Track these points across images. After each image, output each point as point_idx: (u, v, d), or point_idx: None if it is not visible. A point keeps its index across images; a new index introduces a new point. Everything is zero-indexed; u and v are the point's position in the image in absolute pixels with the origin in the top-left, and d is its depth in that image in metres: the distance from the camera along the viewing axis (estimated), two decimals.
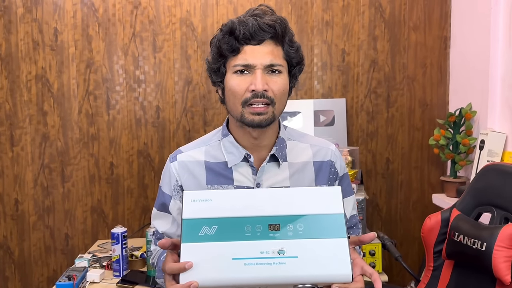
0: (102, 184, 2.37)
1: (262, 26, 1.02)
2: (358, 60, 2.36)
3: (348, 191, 1.20)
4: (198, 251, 0.85)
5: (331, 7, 2.34)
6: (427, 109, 2.39)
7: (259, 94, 1.02)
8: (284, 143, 1.14)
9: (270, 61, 1.03)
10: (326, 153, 1.17)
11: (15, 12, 2.28)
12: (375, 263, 1.88)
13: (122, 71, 2.33)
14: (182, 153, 1.16)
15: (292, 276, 0.84)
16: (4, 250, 2.38)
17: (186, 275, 0.84)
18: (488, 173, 1.44)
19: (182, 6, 2.31)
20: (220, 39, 1.05)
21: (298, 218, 0.88)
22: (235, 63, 1.04)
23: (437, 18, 2.35)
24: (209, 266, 0.85)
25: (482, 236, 1.29)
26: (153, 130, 2.36)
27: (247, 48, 1.03)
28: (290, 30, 1.07)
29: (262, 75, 1.02)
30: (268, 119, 1.04)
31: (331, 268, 0.85)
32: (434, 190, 2.39)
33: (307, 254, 0.85)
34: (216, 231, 0.87)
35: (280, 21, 1.04)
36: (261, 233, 0.87)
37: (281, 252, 0.85)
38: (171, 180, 1.15)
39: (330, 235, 0.87)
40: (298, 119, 2.34)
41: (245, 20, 1.03)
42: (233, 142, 1.12)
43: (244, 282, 0.85)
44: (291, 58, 1.07)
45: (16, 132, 2.33)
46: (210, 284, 0.84)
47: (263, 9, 1.07)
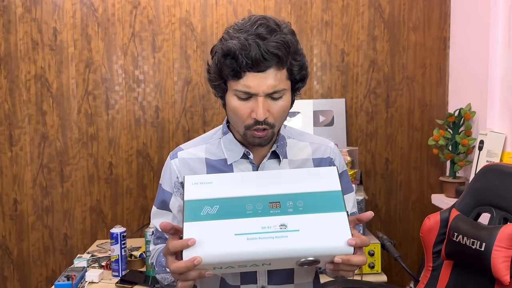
0: (101, 184, 2.37)
1: (265, 56, 0.96)
2: (357, 61, 2.37)
3: (348, 188, 1.21)
4: (200, 229, 0.86)
5: (331, 7, 2.34)
6: (427, 110, 2.39)
7: (261, 122, 1.01)
8: (285, 141, 1.15)
9: (272, 89, 1.00)
10: (325, 150, 1.18)
11: (14, 11, 2.28)
12: (374, 263, 1.88)
13: (122, 71, 2.33)
14: (182, 150, 1.17)
15: (294, 249, 0.84)
16: (3, 250, 2.37)
17: (189, 251, 0.83)
18: (487, 174, 1.44)
19: (181, 6, 2.31)
20: (220, 60, 1.01)
21: (298, 195, 0.90)
22: (236, 88, 1.01)
23: (437, 19, 2.35)
24: (212, 242, 0.84)
25: (481, 236, 1.29)
26: (152, 130, 2.36)
27: (249, 75, 0.99)
28: (293, 47, 1.01)
29: (264, 103, 1.00)
30: (267, 140, 1.06)
31: (332, 240, 0.85)
32: (433, 191, 2.40)
33: (309, 227, 0.86)
34: (218, 210, 0.88)
35: (284, 44, 0.98)
36: (262, 210, 0.88)
37: (283, 226, 0.86)
38: (172, 177, 1.15)
39: (329, 209, 0.88)
40: (298, 119, 2.34)
41: (247, 46, 0.96)
42: (232, 139, 1.12)
43: (248, 256, 0.84)
44: (295, 77, 1.04)
45: (15, 132, 2.33)
46: (214, 260, 0.84)
47: (268, 26, 0.99)
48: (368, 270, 1.88)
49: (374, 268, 1.87)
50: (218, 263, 0.85)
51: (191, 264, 0.82)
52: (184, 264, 0.83)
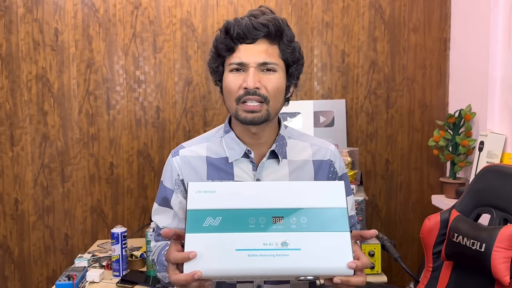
0: (102, 184, 2.37)
1: (255, 25, 1.04)
2: (358, 61, 2.37)
3: (347, 191, 1.20)
4: (202, 242, 0.86)
5: (331, 8, 2.34)
6: (427, 110, 2.39)
7: (251, 92, 1.04)
8: (284, 141, 1.16)
9: (263, 59, 1.05)
10: (325, 153, 1.18)
11: (15, 12, 2.29)
12: (374, 264, 1.88)
13: (123, 71, 2.33)
14: (184, 148, 1.18)
15: (294, 268, 0.85)
16: (4, 249, 2.38)
17: (190, 264, 0.85)
18: (487, 175, 1.44)
19: (182, 6, 2.32)
20: (217, 38, 1.09)
21: (302, 211, 0.89)
22: (230, 62, 1.07)
23: (437, 20, 2.35)
24: (213, 256, 0.85)
25: (481, 237, 1.29)
26: (153, 131, 2.36)
27: (241, 47, 1.06)
28: (288, 31, 1.08)
29: (255, 73, 1.04)
30: (261, 117, 1.06)
31: (332, 261, 0.85)
32: (433, 191, 2.40)
33: (310, 246, 0.86)
34: (220, 222, 0.88)
35: (275, 20, 1.05)
36: (264, 225, 0.88)
37: (284, 244, 0.86)
38: (173, 174, 1.16)
39: (332, 228, 0.88)
40: (298, 120, 2.35)
41: (240, 20, 1.06)
42: (234, 138, 1.13)
43: (247, 273, 0.85)
44: (287, 57, 1.08)
45: (16, 132, 2.33)
46: (214, 274, 0.85)
47: (262, 10, 1.09)
48: (368, 270, 1.88)
49: (374, 268, 1.88)
50: (218, 277, 0.86)
51: (191, 278, 0.84)
52: (184, 277, 0.84)
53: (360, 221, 1.89)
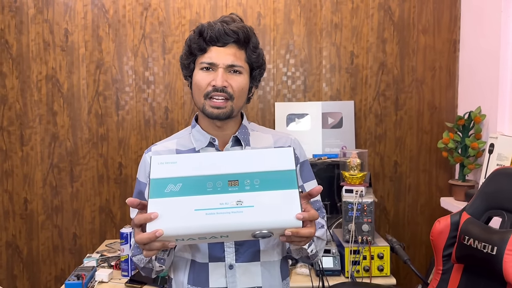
0: (110, 184, 2.38)
1: (227, 31, 1.16)
2: (366, 63, 2.36)
3: (309, 176, 1.31)
4: (164, 205, 0.93)
5: (340, 10, 2.34)
6: (436, 112, 2.38)
7: (219, 89, 1.15)
8: (247, 130, 1.27)
9: (231, 61, 1.17)
10: (286, 141, 1.29)
11: (26, 12, 2.30)
12: (383, 266, 1.87)
13: (132, 72, 2.34)
14: (156, 145, 1.29)
15: (248, 223, 0.92)
16: (13, 249, 2.39)
17: (152, 224, 0.91)
18: (498, 177, 1.44)
19: (191, 8, 2.32)
20: (191, 38, 1.20)
21: (255, 174, 0.97)
22: (202, 61, 1.18)
23: (447, 21, 2.34)
24: (174, 216, 0.92)
25: (492, 240, 1.29)
26: (161, 131, 2.37)
27: (213, 48, 1.18)
28: (254, 38, 1.22)
29: (223, 73, 1.16)
30: (226, 113, 1.18)
31: (283, 215, 0.93)
32: (442, 194, 2.39)
33: (262, 203, 0.93)
34: (181, 188, 0.96)
35: (244, 29, 1.19)
36: (221, 188, 0.95)
37: (239, 202, 0.93)
38: (146, 168, 1.23)
39: (283, 187, 0.96)
40: (306, 121, 2.35)
41: (213, 25, 1.18)
42: (200, 130, 1.24)
43: (205, 229, 0.92)
44: (252, 61, 1.21)
45: (26, 131, 2.35)
46: (174, 232, 0.92)
47: (233, 17, 1.22)
48: (377, 273, 1.87)
49: (383, 271, 1.87)
50: (179, 235, 0.92)
51: (153, 235, 0.90)
52: (147, 235, 0.91)
53: (369, 223, 1.88)
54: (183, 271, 1.21)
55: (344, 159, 2.04)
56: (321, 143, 2.34)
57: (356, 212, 1.89)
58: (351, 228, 1.89)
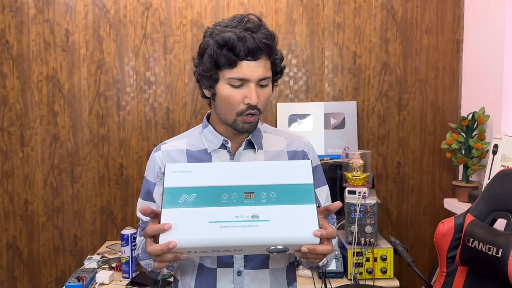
0: (111, 185, 2.37)
1: (260, 46, 1.08)
2: (369, 63, 2.35)
3: (321, 181, 1.27)
4: (177, 215, 0.91)
5: (343, 9, 2.32)
6: (439, 113, 2.36)
7: (253, 107, 1.11)
8: (260, 133, 1.23)
9: (263, 75, 1.11)
10: (299, 144, 1.25)
11: (27, 13, 2.29)
12: (386, 268, 1.86)
13: (133, 73, 2.33)
14: (165, 144, 1.24)
15: (264, 238, 0.89)
16: (13, 250, 2.38)
17: (165, 235, 0.89)
18: (503, 178, 1.42)
19: (193, 8, 2.31)
20: (216, 51, 1.09)
21: (271, 187, 0.95)
22: (231, 76, 1.10)
23: (450, 21, 2.33)
24: (187, 228, 0.90)
25: (497, 242, 1.27)
26: (163, 132, 2.36)
27: (243, 63, 1.09)
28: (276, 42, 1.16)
29: (256, 89, 1.11)
30: (255, 126, 1.16)
31: (299, 231, 0.90)
32: (445, 195, 2.37)
33: (279, 218, 0.91)
34: (195, 198, 0.93)
35: (272, 38, 1.12)
36: (236, 200, 0.93)
37: (254, 216, 0.91)
38: (155, 168, 1.21)
39: (300, 202, 0.93)
40: (308, 122, 2.33)
41: (243, 37, 1.07)
42: (212, 131, 1.20)
43: (220, 243, 0.90)
44: (276, 68, 1.17)
45: (26, 132, 2.34)
46: (187, 245, 0.89)
47: (254, 21, 1.11)
48: (380, 275, 1.86)
49: (387, 273, 1.85)
50: (192, 247, 0.90)
51: (166, 247, 0.88)
52: (160, 247, 0.88)
53: (372, 224, 1.87)
54: (190, 275, 1.19)
55: (346, 160, 2.02)
56: (323, 144, 2.32)
57: (359, 213, 1.87)
58: (354, 230, 1.87)
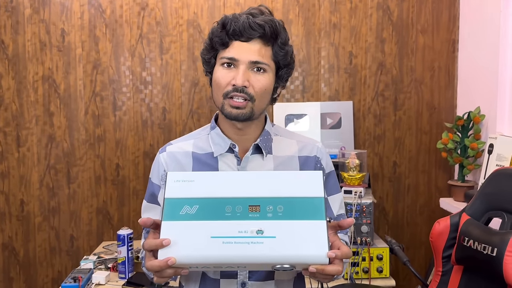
0: (107, 186, 2.36)
1: (252, 25, 1.05)
2: (365, 63, 2.35)
3: (335, 189, 1.21)
4: (177, 229, 0.87)
5: (339, 10, 2.33)
6: (435, 113, 2.37)
7: (239, 89, 1.05)
8: (270, 137, 1.17)
9: (255, 58, 1.06)
10: (312, 149, 1.18)
11: (22, 12, 2.29)
12: (382, 267, 1.86)
13: (129, 73, 2.33)
14: (171, 145, 1.21)
15: (269, 256, 0.84)
16: (9, 250, 2.38)
17: (164, 251, 0.85)
18: (498, 178, 1.42)
19: (189, 8, 2.31)
20: (213, 31, 1.10)
21: (278, 199, 0.89)
22: (222, 56, 1.08)
23: (445, 21, 2.33)
24: (188, 243, 0.85)
25: (492, 241, 1.28)
26: (159, 132, 2.36)
27: (235, 43, 1.07)
28: (283, 34, 1.10)
29: (245, 71, 1.06)
30: (245, 114, 1.07)
31: (307, 249, 0.84)
32: (441, 194, 2.38)
33: (285, 234, 0.85)
34: (197, 210, 0.88)
35: (272, 22, 1.07)
36: (241, 213, 0.87)
37: (259, 232, 0.86)
38: (160, 170, 1.18)
39: (309, 217, 0.87)
40: (305, 122, 2.33)
41: (238, 17, 1.07)
42: (219, 133, 1.15)
43: (222, 260, 0.85)
44: (279, 59, 1.10)
45: (22, 132, 2.33)
46: (188, 261, 0.85)
47: (261, 9, 1.11)
48: (376, 274, 1.86)
49: (383, 272, 1.86)
50: (192, 264, 0.86)
51: (165, 264, 0.84)
52: (158, 263, 0.85)
53: (368, 224, 1.87)
54: (193, 283, 1.16)
55: (343, 159, 2.02)
56: None
57: (355, 213, 1.88)
58: (350, 229, 1.87)
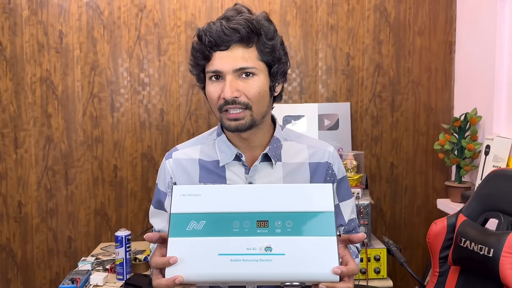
0: (105, 187, 2.36)
1: (225, 32, 0.99)
2: (362, 64, 2.36)
3: (347, 194, 1.19)
4: (185, 246, 0.86)
5: (336, 11, 2.34)
6: (432, 114, 2.38)
7: (230, 101, 1.01)
8: (279, 143, 1.12)
9: (239, 65, 1.00)
10: (323, 155, 1.15)
11: (20, 14, 2.29)
12: (380, 268, 1.87)
13: (127, 74, 2.33)
14: (177, 151, 1.18)
15: (278, 274, 0.84)
16: (7, 252, 2.37)
17: (171, 269, 0.84)
18: (494, 179, 1.43)
19: (187, 9, 2.31)
20: (194, 46, 1.06)
21: (287, 214, 0.87)
22: (208, 70, 1.04)
23: (442, 23, 2.34)
24: (195, 261, 0.85)
25: (489, 242, 1.28)
26: (157, 133, 2.36)
27: (216, 54, 1.01)
28: (265, 28, 1.02)
29: (232, 81, 1.00)
30: (245, 124, 1.03)
31: (317, 267, 0.84)
32: (438, 195, 2.38)
33: (295, 251, 0.84)
34: (204, 226, 0.87)
35: (248, 22, 0.99)
36: (249, 229, 0.86)
37: (268, 249, 0.85)
38: (166, 177, 1.17)
39: (318, 233, 0.86)
40: (302, 123, 2.34)
41: (211, 26, 1.01)
42: (225, 141, 1.11)
43: (230, 278, 0.85)
44: (266, 58, 1.03)
45: (20, 134, 2.33)
46: (195, 279, 0.85)
47: (237, 9, 1.04)
48: (374, 275, 1.87)
49: (380, 273, 1.87)
50: (200, 282, 0.86)
51: (172, 283, 0.83)
52: (166, 282, 0.84)
53: (366, 225, 1.88)
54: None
55: None
56: None
57: None
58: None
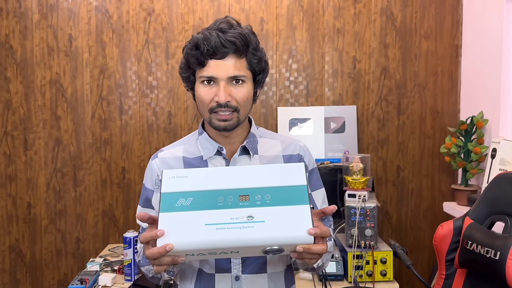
0: (113, 189, 2.39)
1: (224, 43, 1.11)
2: (369, 68, 2.37)
3: (317, 184, 1.29)
4: (174, 219, 0.94)
5: (343, 15, 2.35)
6: (438, 117, 2.38)
7: (223, 104, 1.12)
8: (255, 138, 1.24)
9: (232, 73, 1.13)
10: (295, 148, 1.26)
11: (30, 18, 2.32)
12: (386, 271, 1.87)
13: (135, 77, 2.36)
14: (163, 151, 1.27)
15: (259, 238, 0.92)
16: (16, 253, 2.40)
17: (161, 240, 0.91)
18: (501, 182, 1.44)
19: (195, 13, 2.34)
20: (188, 52, 1.16)
21: (266, 189, 0.97)
22: (201, 75, 1.14)
23: (449, 27, 2.35)
24: (184, 231, 0.92)
25: (495, 245, 1.29)
26: (164, 136, 2.38)
27: (211, 62, 1.13)
28: (253, 41, 1.15)
29: (225, 87, 1.12)
30: (233, 124, 1.15)
31: (294, 231, 0.92)
32: (444, 198, 2.39)
33: (273, 218, 0.93)
34: (192, 202, 0.96)
35: (242, 35, 1.12)
36: (232, 202, 0.95)
37: (250, 217, 0.93)
38: (153, 175, 1.24)
39: (294, 202, 0.95)
40: (309, 126, 2.35)
41: (209, 36, 1.11)
42: (207, 138, 1.22)
43: (215, 244, 0.92)
44: (254, 67, 1.17)
45: (29, 136, 2.36)
46: (184, 247, 0.92)
47: (229, 22, 1.15)
48: (380, 277, 1.87)
49: (386, 275, 1.87)
50: (189, 250, 0.92)
51: (163, 250, 0.90)
52: (157, 250, 0.91)
53: (372, 227, 1.89)
54: (189, 280, 1.21)
55: (346, 163, 2.04)
56: (323, 148, 2.35)
57: (359, 216, 1.89)
58: (354, 233, 1.89)
